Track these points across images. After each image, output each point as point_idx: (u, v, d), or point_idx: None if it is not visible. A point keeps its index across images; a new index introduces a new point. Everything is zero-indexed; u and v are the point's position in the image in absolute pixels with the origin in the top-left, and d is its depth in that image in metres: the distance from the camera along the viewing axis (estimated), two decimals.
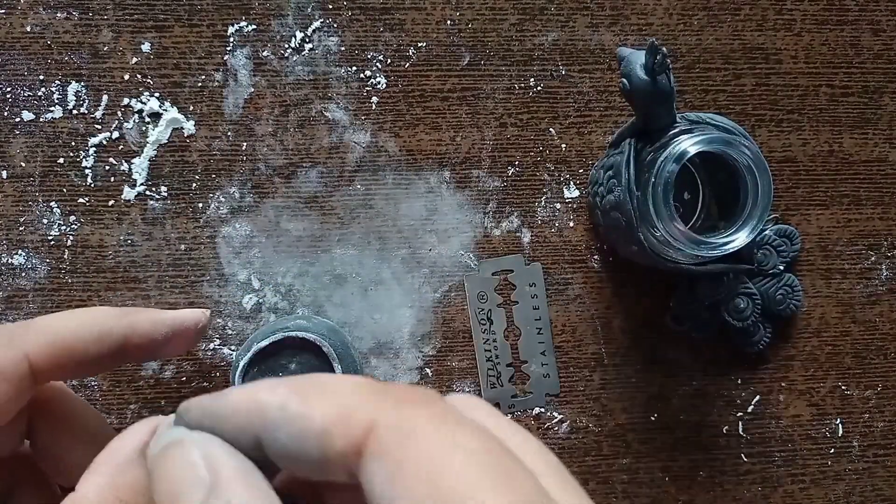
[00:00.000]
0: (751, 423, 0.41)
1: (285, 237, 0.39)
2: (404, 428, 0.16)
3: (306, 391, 0.18)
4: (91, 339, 0.28)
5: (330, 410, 0.17)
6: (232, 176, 0.39)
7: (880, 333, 0.42)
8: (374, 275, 0.40)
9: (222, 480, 0.17)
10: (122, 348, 0.29)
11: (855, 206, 0.42)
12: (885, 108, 0.42)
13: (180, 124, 0.39)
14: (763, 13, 0.41)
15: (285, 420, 0.17)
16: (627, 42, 0.41)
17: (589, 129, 0.41)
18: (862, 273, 0.42)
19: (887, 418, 0.42)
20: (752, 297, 0.39)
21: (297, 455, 0.17)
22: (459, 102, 0.40)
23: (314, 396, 0.17)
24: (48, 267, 0.38)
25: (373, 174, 0.40)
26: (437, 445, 0.16)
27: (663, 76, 0.31)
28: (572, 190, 0.41)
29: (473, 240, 0.40)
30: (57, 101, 0.38)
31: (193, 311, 0.33)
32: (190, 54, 0.39)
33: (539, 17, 0.40)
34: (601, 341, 0.41)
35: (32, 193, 0.38)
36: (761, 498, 0.41)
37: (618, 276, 0.41)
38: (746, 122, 0.41)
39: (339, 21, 0.40)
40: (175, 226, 0.39)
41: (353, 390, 0.17)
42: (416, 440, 0.16)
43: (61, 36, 0.38)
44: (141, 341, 0.30)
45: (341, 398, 0.17)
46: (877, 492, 0.42)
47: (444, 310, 0.40)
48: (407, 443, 0.16)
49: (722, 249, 0.32)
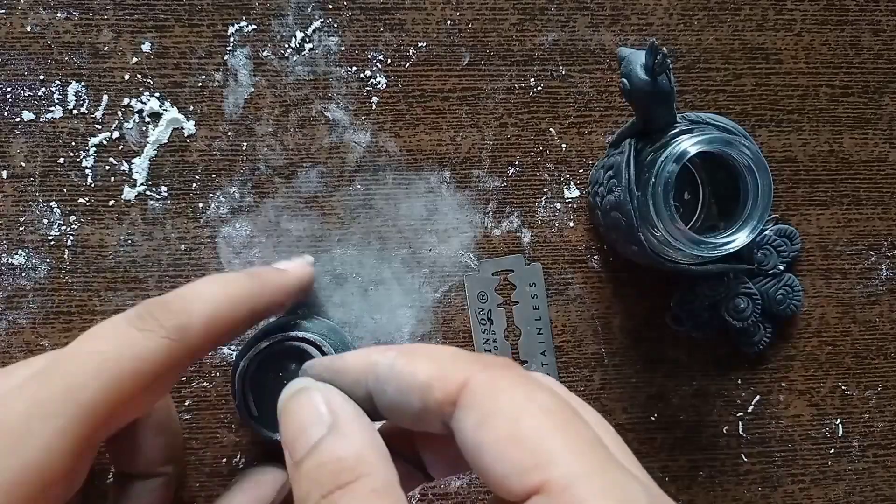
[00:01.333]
0: (751, 423, 0.41)
1: (285, 237, 0.39)
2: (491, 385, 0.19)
3: (412, 354, 0.21)
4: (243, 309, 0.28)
5: (431, 369, 0.20)
6: (232, 176, 0.39)
7: (880, 333, 0.42)
8: (374, 275, 0.40)
9: (340, 420, 0.21)
10: (253, 316, 0.29)
11: (855, 206, 0.42)
12: (885, 108, 0.42)
13: (180, 124, 0.39)
14: (763, 13, 0.41)
15: (393, 376, 0.21)
16: (627, 42, 0.41)
17: (589, 129, 0.41)
18: (862, 273, 0.42)
19: (887, 418, 0.42)
20: (752, 297, 0.39)
21: (400, 405, 0.21)
22: (459, 102, 0.40)
23: (419, 358, 0.21)
24: (48, 267, 0.38)
25: (373, 174, 0.40)
26: (517, 399, 0.19)
27: (663, 76, 0.31)
28: (572, 190, 0.41)
29: (473, 240, 0.40)
30: (57, 101, 0.38)
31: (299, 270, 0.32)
32: (190, 54, 0.39)
33: (539, 17, 0.40)
34: (601, 341, 0.41)
35: (32, 193, 0.38)
36: (761, 498, 0.41)
37: (618, 276, 0.41)
38: (746, 122, 0.41)
39: (339, 21, 0.40)
40: (175, 226, 0.39)
41: (450, 355, 0.21)
42: (500, 394, 0.19)
43: (61, 36, 0.38)
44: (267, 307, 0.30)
45: (441, 360, 0.21)
46: (877, 492, 0.42)
47: (444, 310, 0.40)
48: (493, 396, 0.19)
49: (722, 249, 0.32)
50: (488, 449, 0.18)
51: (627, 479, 0.18)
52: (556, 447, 0.18)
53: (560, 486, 0.17)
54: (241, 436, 0.39)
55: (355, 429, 0.21)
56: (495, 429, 0.18)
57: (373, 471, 0.20)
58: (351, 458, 0.20)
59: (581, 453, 0.18)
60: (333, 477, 0.19)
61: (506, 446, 0.18)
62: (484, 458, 0.18)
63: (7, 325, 0.38)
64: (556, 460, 0.18)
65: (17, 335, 0.38)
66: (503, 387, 0.19)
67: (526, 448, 0.18)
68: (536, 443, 0.18)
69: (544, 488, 0.17)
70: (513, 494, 0.18)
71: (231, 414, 0.38)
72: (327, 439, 0.20)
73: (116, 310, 0.38)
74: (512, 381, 0.20)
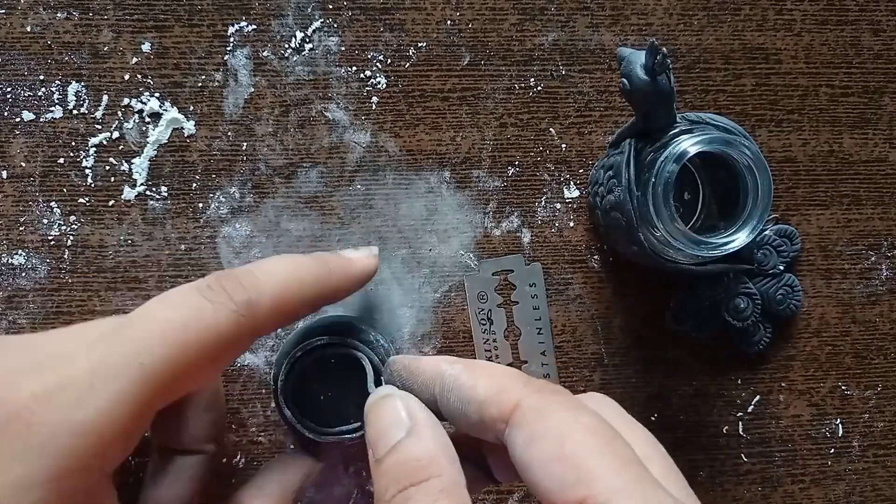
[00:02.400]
0: (751, 423, 0.41)
1: (285, 237, 0.39)
2: (541, 407, 0.21)
3: (475, 369, 0.24)
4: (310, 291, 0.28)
5: (490, 387, 0.23)
6: (232, 176, 0.39)
7: (880, 333, 0.42)
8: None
9: (418, 425, 0.24)
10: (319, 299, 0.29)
11: (855, 206, 0.42)
12: (885, 108, 0.42)
13: (180, 124, 0.39)
14: (763, 13, 0.41)
15: (457, 386, 0.24)
16: (627, 42, 0.41)
17: (589, 129, 0.41)
18: (862, 273, 0.42)
19: (887, 418, 0.42)
20: (752, 297, 0.39)
21: (461, 415, 0.23)
22: (459, 102, 0.40)
23: (480, 374, 0.23)
24: (48, 267, 0.38)
25: (373, 174, 0.40)
26: (563, 421, 0.21)
27: (663, 76, 0.31)
28: (572, 190, 0.41)
29: (473, 240, 0.40)
30: (57, 101, 0.38)
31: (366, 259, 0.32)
32: (190, 54, 0.39)
33: (539, 17, 0.40)
34: (601, 341, 0.41)
35: (32, 193, 0.38)
36: (761, 498, 0.41)
37: (618, 276, 0.41)
38: (746, 122, 0.41)
39: (339, 21, 0.40)
40: (175, 226, 0.39)
41: (508, 375, 0.23)
42: (548, 417, 0.21)
43: (61, 36, 0.38)
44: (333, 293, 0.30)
45: (499, 379, 0.23)
46: (877, 492, 0.42)
47: (444, 310, 0.40)
48: (541, 418, 0.21)
49: (722, 249, 0.32)
50: (536, 466, 0.20)
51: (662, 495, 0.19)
52: (597, 465, 0.19)
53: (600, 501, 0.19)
54: (241, 436, 0.39)
55: (430, 434, 0.23)
56: (542, 448, 0.20)
57: (443, 472, 0.22)
58: (425, 458, 0.22)
59: (620, 470, 0.19)
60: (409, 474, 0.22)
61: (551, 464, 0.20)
62: (532, 474, 0.20)
63: (7, 325, 0.38)
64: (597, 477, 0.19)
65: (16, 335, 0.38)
66: (551, 409, 0.21)
67: (570, 466, 0.20)
68: (579, 461, 0.20)
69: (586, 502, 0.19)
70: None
71: (231, 414, 0.38)
72: (405, 441, 0.23)
73: (116, 310, 0.38)
74: (560, 404, 0.22)
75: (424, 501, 0.21)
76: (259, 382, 0.39)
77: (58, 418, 0.22)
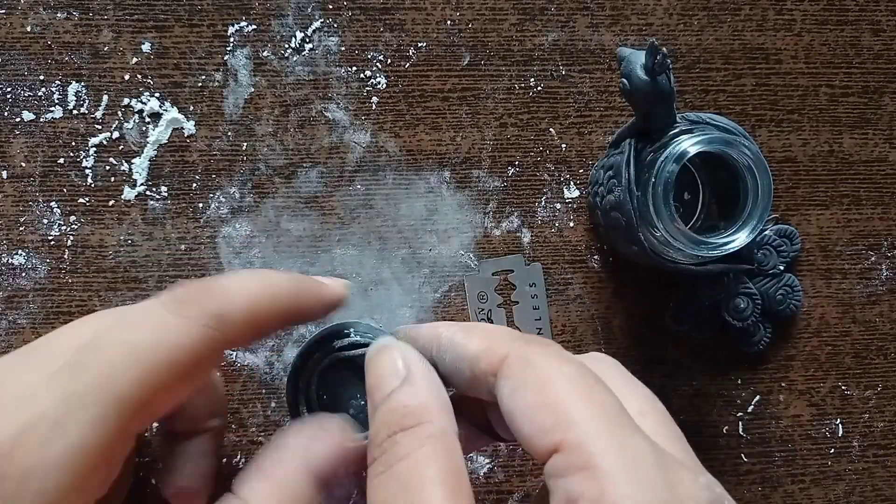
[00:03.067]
0: (751, 423, 0.41)
1: (285, 237, 0.39)
2: (526, 358, 0.22)
3: (469, 329, 0.24)
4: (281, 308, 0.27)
5: (481, 343, 0.23)
6: (232, 176, 0.39)
7: (880, 333, 0.42)
8: (374, 275, 0.40)
9: (412, 374, 0.24)
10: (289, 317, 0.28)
11: (855, 206, 0.42)
12: (885, 108, 0.42)
13: (180, 124, 0.39)
14: (763, 13, 0.41)
15: (451, 346, 0.24)
16: (627, 42, 0.41)
17: (589, 129, 0.41)
18: (862, 273, 0.42)
19: (887, 418, 0.42)
20: (752, 297, 0.39)
21: (455, 373, 0.24)
22: (459, 102, 0.40)
23: (473, 334, 0.24)
24: (48, 267, 0.38)
25: (373, 174, 0.40)
26: (546, 371, 0.21)
27: (663, 76, 0.31)
28: (572, 190, 0.41)
29: (473, 240, 0.40)
30: (57, 101, 0.38)
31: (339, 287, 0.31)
32: (190, 54, 0.39)
33: (539, 17, 0.40)
34: (601, 341, 0.41)
35: (32, 193, 0.38)
36: (761, 498, 0.41)
37: (618, 276, 0.41)
38: (746, 122, 0.41)
39: (339, 21, 0.40)
40: (175, 226, 0.39)
41: (499, 333, 0.24)
42: (532, 367, 0.22)
43: (61, 36, 0.38)
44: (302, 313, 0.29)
45: (490, 337, 0.23)
46: (877, 492, 0.42)
47: (444, 310, 0.40)
48: (526, 368, 0.22)
49: (722, 249, 0.32)
50: (519, 413, 0.21)
51: (638, 439, 0.20)
52: (575, 411, 0.20)
53: (574, 444, 0.19)
54: (241, 436, 0.39)
55: (423, 383, 0.24)
56: (524, 396, 0.21)
57: (432, 419, 0.23)
58: (416, 406, 0.23)
59: (596, 416, 0.20)
60: (399, 420, 0.23)
61: (533, 411, 0.21)
62: (516, 422, 0.21)
63: (7, 325, 0.38)
64: (574, 422, 0.20)
65: (17, 335, 0.38)
66: (536, 360, 0.22)
67: (548, 412, 0.20)
68: (558, 407, 0.20)
69: (562, 446, 0.19)
70: (538, 453, 0.20)
71: (231, 414, 0.38)
72: (400, 389, 0.24)
73: None
74: (545, 355, 0.22)
75: (411, 445, 0.22)
76: (259, 382, 0.39)
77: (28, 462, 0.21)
